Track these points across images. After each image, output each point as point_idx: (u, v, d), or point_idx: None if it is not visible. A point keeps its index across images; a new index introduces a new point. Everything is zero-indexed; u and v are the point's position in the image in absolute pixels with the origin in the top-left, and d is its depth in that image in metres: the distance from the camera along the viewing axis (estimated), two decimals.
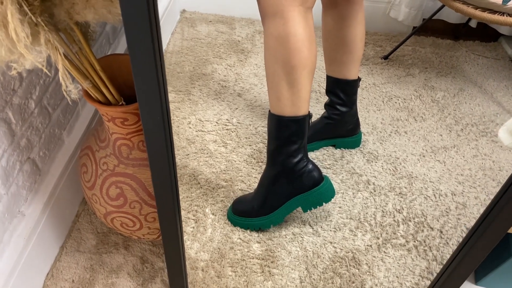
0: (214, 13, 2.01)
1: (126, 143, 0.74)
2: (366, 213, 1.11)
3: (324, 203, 1.01)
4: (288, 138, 0.92)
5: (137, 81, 0.47)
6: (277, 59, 0.85)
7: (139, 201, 0.77)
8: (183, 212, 1.08)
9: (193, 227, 1.05)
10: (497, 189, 1.20)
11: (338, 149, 1.30)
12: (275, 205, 1.01)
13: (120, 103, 0.69)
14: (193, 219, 1.07)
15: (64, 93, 0.53)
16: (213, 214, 1.08)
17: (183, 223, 1.05)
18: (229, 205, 1.10)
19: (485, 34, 1.92)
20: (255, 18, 2.00)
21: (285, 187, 0.99)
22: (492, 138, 1.38)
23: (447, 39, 1.91)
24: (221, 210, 1.09)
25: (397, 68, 1.70)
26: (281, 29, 0.81)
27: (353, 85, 1.19)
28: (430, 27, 1.93)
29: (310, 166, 0.96)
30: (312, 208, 1.00)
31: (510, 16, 1.37)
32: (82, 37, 0.58)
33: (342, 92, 1.20)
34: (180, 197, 1.11)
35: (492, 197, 1.17)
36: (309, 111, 0.93)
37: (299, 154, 0.95)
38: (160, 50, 0.45)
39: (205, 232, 1.04)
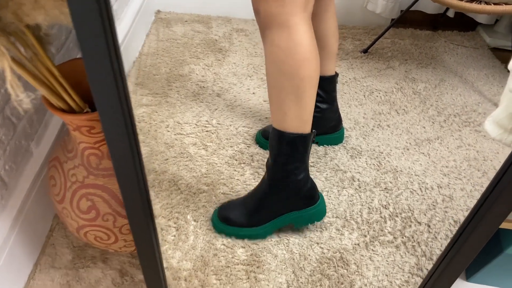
0: (190, 12, 1.96)
1: (94, 152, 0.69)
2: (352, 211, 1.08)
3: (315, 222, 0.99)
4: (292, 155, 0.87)
5: (93, 85, 0.43)
6: (285, 72, 0.79)
7: (112, 213, 0.73)
8: (163, 220, 1.03)
9: (174, 235, 1.01)
10: (483, 180, 1.18)
11: (321, 146, 1.27)
12: (266, 218, 0.97)
13: (85, 110, 0.64)
14: (174, 227, 1.02)
15: (15, 103, 0.48)
16: (195, 220, 1.04)
17: (163, 231, 1.01)
18: (212, 210, 1.06)
19: (463, 23, 1.92)
20: (232, 16, 1.96)
21: (281, 202, 0.95)
22: (475, 128, 1.37)
23: (425, 30, 1.90)
24: (203, 216, 1.05)
25: (377, 61, 1.68)
26: (289, 39, 0.76)
27: (331, 81, 1.16)
28: (408, 19, 1.92)
29: (309, 184, 0.93)
30: (303, 225, 0.97)
31: (487, 4, 1.36)
32: (35, 41, 0.53)
33: (320, 89, 1.17)
34: (160, 204, 1.07)
35: (478, 188, 1.16)
36: (312, 129, 0.89)
37: (302, 173, 0.90)
38: (117, 50, 0.41)
39: (187, 240, 1.00)
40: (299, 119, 0.83)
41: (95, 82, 0.42)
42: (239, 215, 0.98)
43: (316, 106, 1.20)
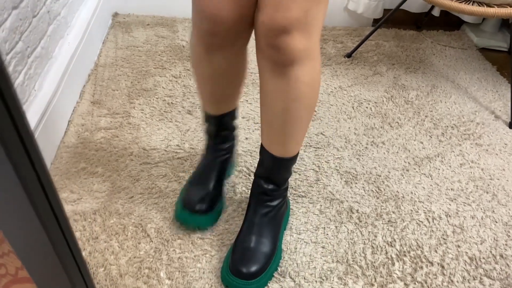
0: (152, 14, 1.75)
1: None
2: (354, 252, 0.93)
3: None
4: (290, 172, 0.90)
5: None
6: (308, 106, 0.74)
7: None
8: (130, 280, 0.85)
9: None
10: (493, 204, 1.06)
11: (312, 171, 1.11)
12: (277, 239, 0.90)
13: None
14: None
15: None
16: (169, 278, 0.86)
17: None
18: (190, 262, 0.88)
19: (447, 22, 1.81)
20: None
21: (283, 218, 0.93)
22: (476, 141, 1.25)
23: (409, 30, 1.78)
24: (179, 271, 0.87)
25: (362, 67, 1.54)
26: (313, 72, 0.70)
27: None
28: (391, 18, 1.79)
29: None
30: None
31: (480, 5, 1.23)
32: None
33: (228, 129, 0.99)
34: (126, 258, 0.88)
35: (489, 214, 1.03)
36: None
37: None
38: None
39: None
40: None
41: None
42: (266, 261, 0.85)
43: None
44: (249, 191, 1.04)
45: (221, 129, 0.94)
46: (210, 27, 0.70)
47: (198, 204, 0.92)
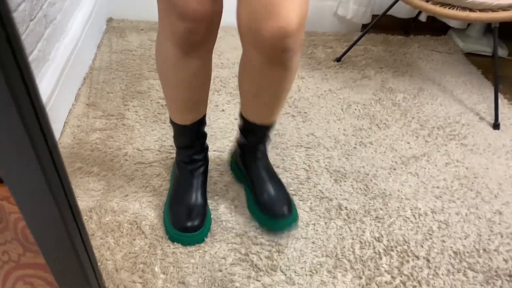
0: (146, 19, 1.78)
1: None
2: (343, 247, 0.96)
3: None
4: None
5: None
6: (294, 78, 0.85)
7: None
8: (125, 275, 0.87)
9: None
10: (477, 201, 1.09)
11: (303, 170, 1.15)
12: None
13: None
14: (139, 283, 0.86)
15: None
16: (163, 273, 0.88)
17: None
18: (184, 256, 0.91)
19: (434, 27, 1.86)
20: None
21: None
22: (461, 141, 1.29)
23: (397, 35, 1.83)
24: (173, 266, 0.89)
25: (351, 71, 1.58)
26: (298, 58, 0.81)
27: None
28: (379, 24, 1.83)
29: None
30: None
31: (463, 10, 1.28)
32: None
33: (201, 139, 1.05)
34: (121, 254, 0.90)
35: (473, 210, 1.07)
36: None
37: None
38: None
39: None
40: None
41: None
42: (288, 196, 0.99)
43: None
44: (241, 190, 1.07)
45: (195, 138, 0.96)
46: (190, 26, 0.73)
47: (190, 222, 0.92)
